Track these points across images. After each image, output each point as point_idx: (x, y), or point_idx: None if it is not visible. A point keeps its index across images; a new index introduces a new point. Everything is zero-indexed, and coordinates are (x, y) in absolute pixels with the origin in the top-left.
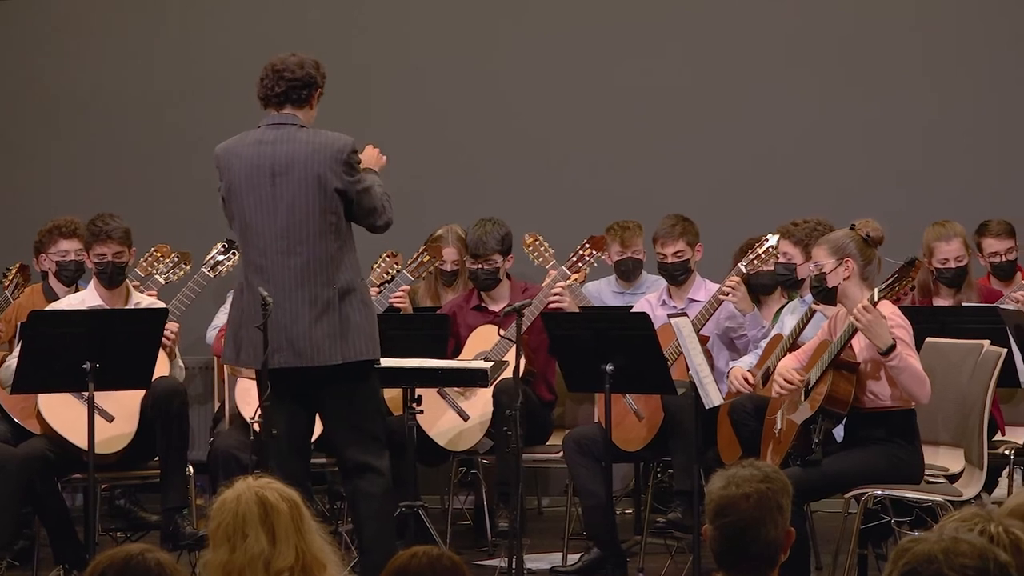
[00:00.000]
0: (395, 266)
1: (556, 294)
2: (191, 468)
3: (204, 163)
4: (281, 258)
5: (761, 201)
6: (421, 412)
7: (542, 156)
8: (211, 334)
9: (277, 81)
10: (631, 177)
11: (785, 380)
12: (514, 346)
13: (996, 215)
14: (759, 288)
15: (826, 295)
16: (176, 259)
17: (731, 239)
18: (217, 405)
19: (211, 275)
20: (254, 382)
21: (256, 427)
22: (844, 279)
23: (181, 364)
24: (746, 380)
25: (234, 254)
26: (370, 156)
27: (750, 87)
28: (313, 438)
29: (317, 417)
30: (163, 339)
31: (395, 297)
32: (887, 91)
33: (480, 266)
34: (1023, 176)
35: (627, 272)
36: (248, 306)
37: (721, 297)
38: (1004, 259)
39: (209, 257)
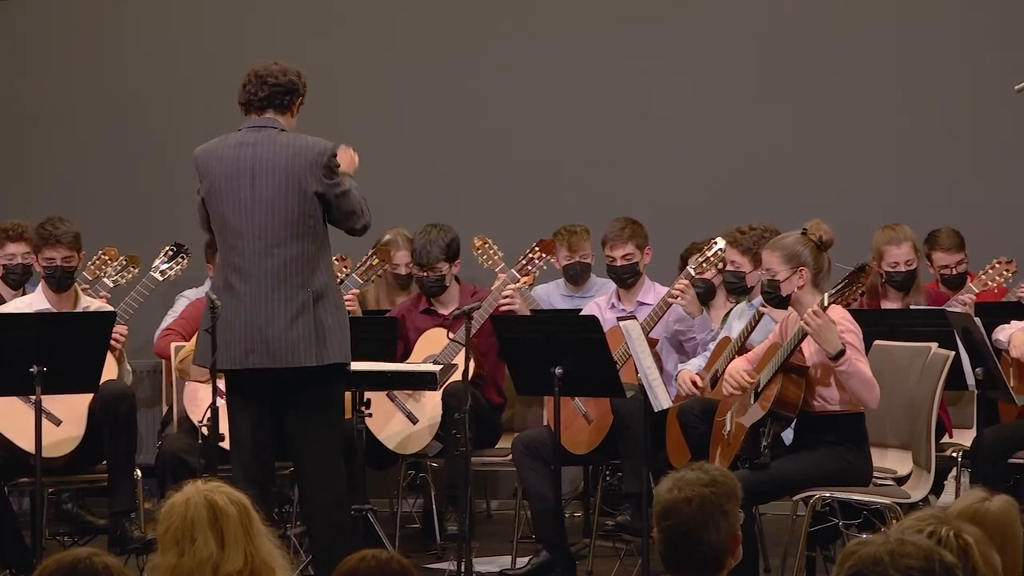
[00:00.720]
0: (344, 269)
1: (506, 297)
2: (139, 472)
3: (153, 167)
4: (259, 259)
5: (710, 205)
6: (370, 415)
7: (492, 159)
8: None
9: (260, 86)
10: (580, 180)
11: (736, 381)
12: (463, 349)
13: (945, 221)
14: (701, 294)
15: (778, 301)
16: (124, 262)
17: (681, 242)
18: (165, 409)
19: (160, 279)
20: (204, 385)
21: (205, 431)
22: (798, 288)
23: (129, 368)
24: (694, 383)
25: (183, 258)
26: (344, 158)
27: (703, 93)
28: None
29: None
30: (112, 342)
31: (346, 300)
32: (845, 97)
33: (426, 274)
34: (973, 182)
35: (575, 276)
36: (225, 308)
37: (670, 300)
38: (954, 272)
39: (158, 261)
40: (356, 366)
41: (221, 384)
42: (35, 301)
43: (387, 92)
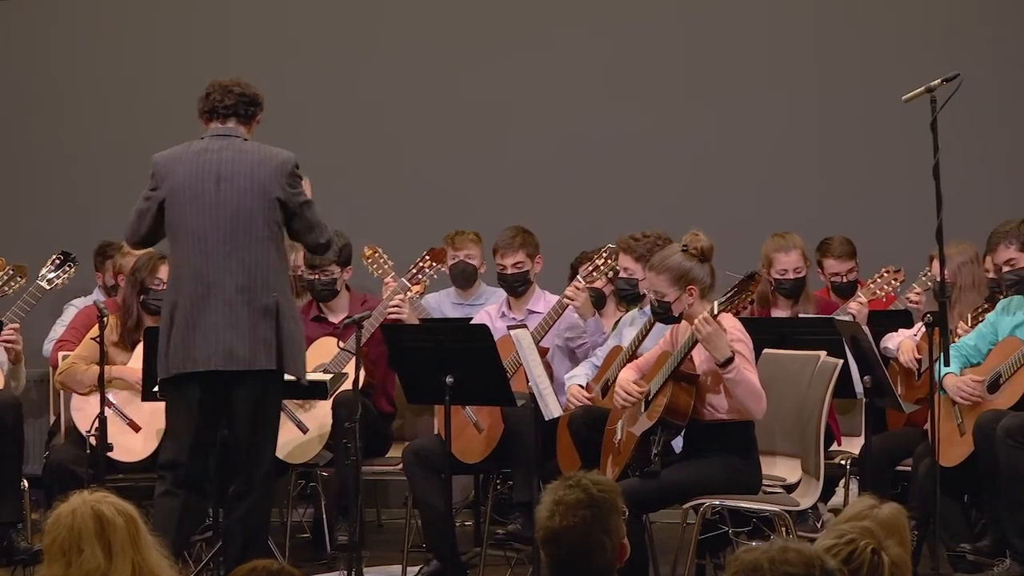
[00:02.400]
0: None
1: (395, 306)
2: (26, 482)
3: (41, 175)
4: (222, 262)
5: (602, 214)
6: None
7: (382, 169)
8: (48, 347)
9: (226, 94)
10: (472, 189)
11: (625, 392)
12: (353, 358)
13: (836, 230)
14: (592, 303)
15: (669, 319)
16: (11, 272)
17: (572, 251)
18: (52, 418)
19: (47, 287)
20: (91, 395)
21: (93, 440)
22: (689, 305)
23: (24, 370)
24: (583, 397)
25: (70, 266)
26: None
27: (594, 103)
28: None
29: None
30: (7, 344)
31: None
32: (728, 101)
33: (317, 276)
34: (863, 192)
35: (459, 276)
36: (183, 312)
37: (566, 301)
38: (845, 280)
39: (45, 270)
40: None
41: (109, 395)
42: None
43: (276, 98)
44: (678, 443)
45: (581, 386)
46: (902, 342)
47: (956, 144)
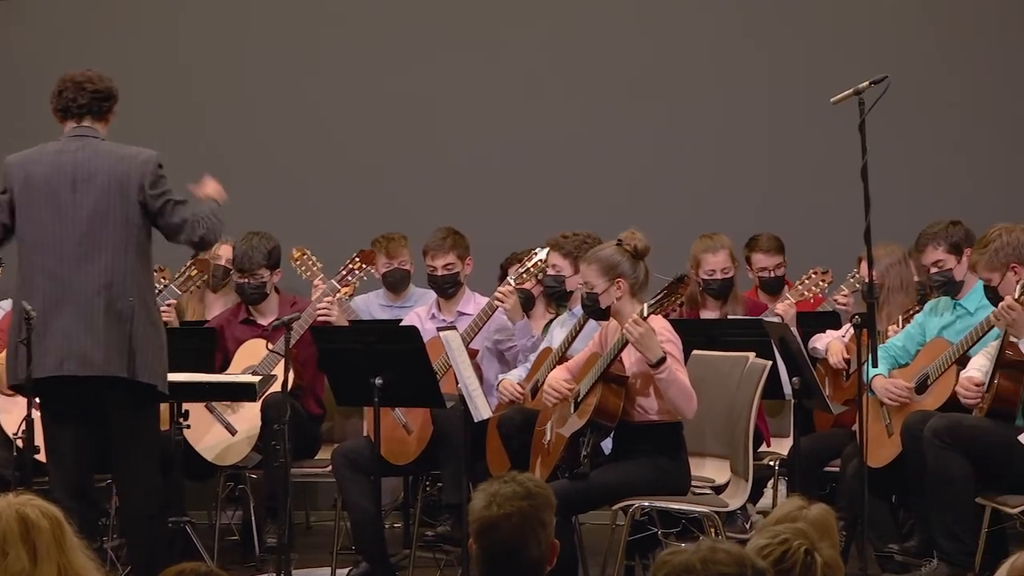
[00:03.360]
0: (163, 280)
1: (324, 307)
2: None
3: None
4: (78, 265)
5: (531, 215)
6: (188, 427)
7: (313, 169)
8: None
9: (79, 92)
10: (401, 191)
11: (555, 391)
12: (282, 360)
13: (766, 228)
14: (521, 304)
15: (599, 314)
16: None
17: (502, 253)
18: None
19: None
20: (18, 397)
21: (19, 443)
22: (617, 299)
23: None
24: (517, 391)
25: None
26: (212, 188)
27: (523, 105)
28: None
29: None
30: None
31: (162, 311)
32: (661, 104)
33: (247, 280)
34: (791, 193)
35: (394, 283)
36: (39, 316)
37: (495, 303)
38: (772, 275)
39: None
40: (174, 377)
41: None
42: None
43: (203, 100)
44: (607, 444)
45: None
46: (830, 343)
47: (884, 146)
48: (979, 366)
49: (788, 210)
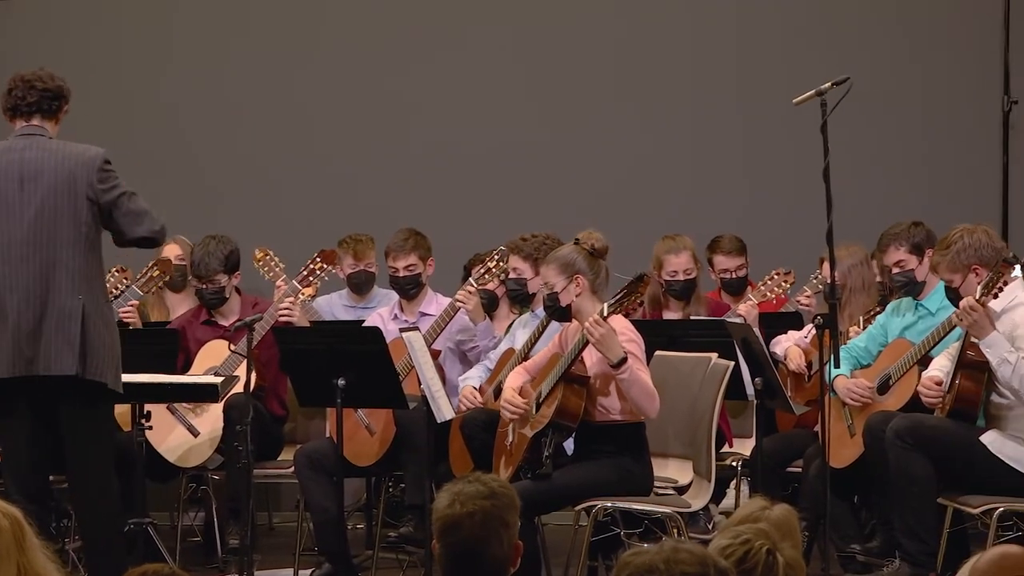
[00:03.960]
0: (124, 281)
1: (286, 308)
2: None
3: None
4: (24, 265)
5: (493, 216)
6: (150, 428)
7: (275, 170)
8: None
9: (28, 91)
10: (364, 191)
11: (512, 407)
12: (245, 361)
13: (730, 232)
14: (484, 305)
15: (561, 313)
16: None
17: (465, 254)
18: None
19: None
20: None
21: None
22: (576, 296)
23: None
24: (475, 399)
25: None
26: None
27: (485, 106)
28: None
29: None
30: None
31: (125, 312)
32: (620, 105)
33: (205, 286)
34: (754, 195)
35: (360, 285)
36: None
37: (457, 304)
38: (734, 276)
39: None
40: (136, 378)
41: None
42: None
43: (170, 102)
44: (570, 445)
45: (475, 388)
46: (789, 349)
47: (846, 147)
48: (940, 366)
49: (751, 211)
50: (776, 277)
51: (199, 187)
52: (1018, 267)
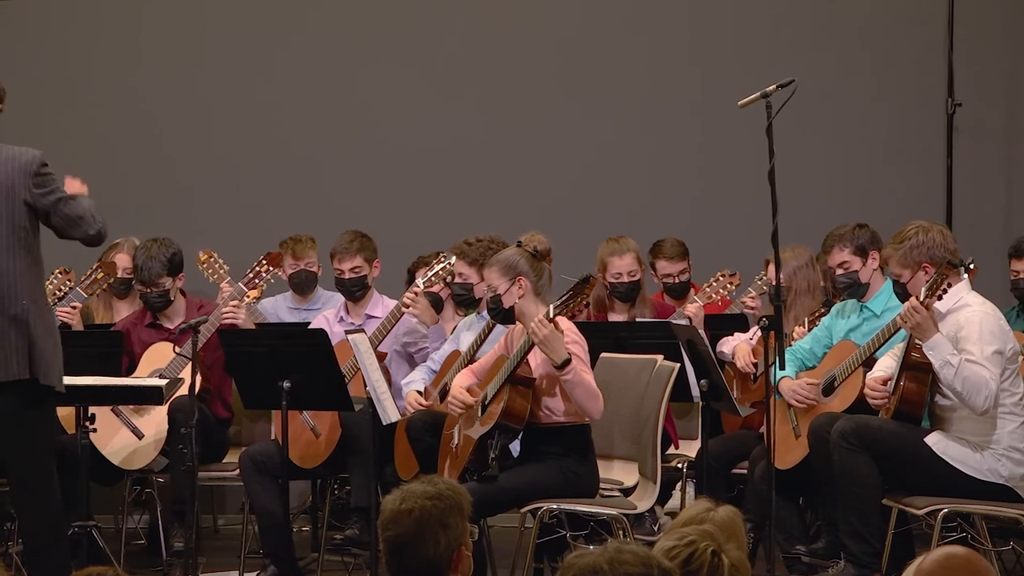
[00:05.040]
0: (68, 283)
1: (230, 310)
2: None
3: None
4: None
5: (439, 219)
6: (94, 430)
7: (219, 172)
8: None
9: None
10: (309, 194)
11: (459, 401)
12: (190, 363)
13: (675, 234)
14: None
15: (504, 316)
16: None
17: (412, 255)
18: None
19: None
20: None
21: None
22: (519, 298)
23: None
24: (420, 404)
25: None
26: (74, 187)
27: (432, 109)
28: None
29: None
30: None
31: (64, 312)
32: (564, 106)
33: (149, 290)
34: (699, 196)
35: (300, 285)
36: None
37: (403, 309)
38: (676, 281)
39: None
40: (80, 381)
41: None
42: None
43: (122, 103)
44: (515, 447)
45: (419, 392)
46: (737, 346)
47: (792, 149)
48: (885, 367)
49: (695, 213)
50: (721, 279)
51: (142, 189)
52: (962, 269)
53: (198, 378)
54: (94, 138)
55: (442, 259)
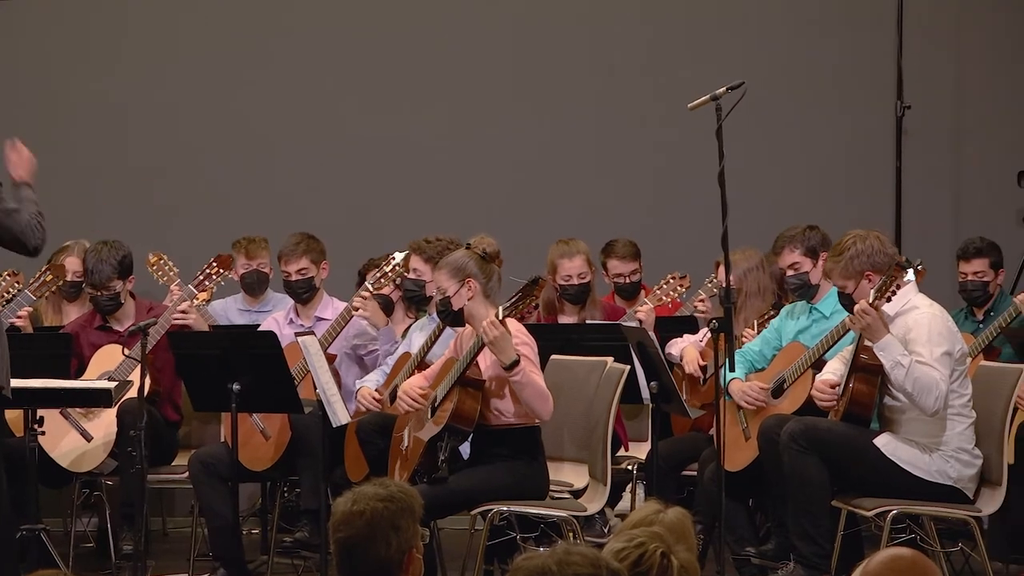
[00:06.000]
0: (16, 285)
1: (181, 312)
2: None
3: None
4: None
5: (390, 221)
6: (43, 433)
7: (169, 174)
8: None
9: None
10: (259, 195)
11: (409, 399)
12: (139, 365)
13: (626, 236)
14: (380, 309)
15: (453, 318)
16: None
17: (362, 257)
18: None
19: None
20: None
21: None
22: (468, 300)
23: None
24: (374, 399)
25: None
26: (18, 159)
27: (376, 103)
28: None
29: None
30: None
31: (14, 318)
32: (516, 105)
33: (99, 293)
34: (650, 199)
35: (252, 285)
36: None
37: (353, 311)
38: (628, 281)
39: None
40: (29, 383)
41: None
42: None
43: (66, 101)
44: (466, 449)
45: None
46: (685, 350)
47: (742, 151)
48: (834, 370)
49: (646, 215)
50: (671, 281)
51: (94, 191)
52: (911, 271)
53: (147, 380)
54: (44, 137)
55: (391, 260)
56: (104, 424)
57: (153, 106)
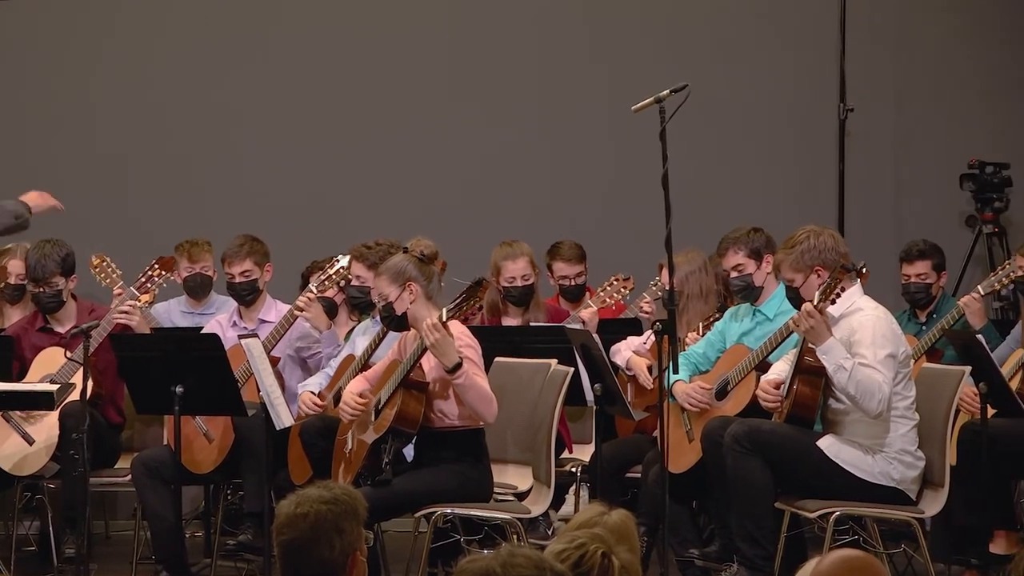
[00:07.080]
0: None
1: (123, 313)
2: None
3: None
4: None
5: (334, 221)
6: None
7: (111, 174)
8: None
9: None
10: (202, 197)
11: (349, 408)
12: (81, 368)
13: (570, 237)
14: (324, 312)
15: (397, 323)
16: None
17: (305, 259)
18: None
19: None
20: None
21: None
22: (411, 303)
23: None
24: (315, 404)
25: None
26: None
27: (318, 105)
28: None
29: None
30: None
31: None
32: (458, 106)
33: (42, 289)
34: (593, 201)
35: (195, 288)
36: None
37: (296, 313)
38: (573, 283)
39: None
40: None
41: None
42: None
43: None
44: (409, 451)
45: (314, 393)
46: (632, 360)
47: (686, 153)
48: (779, 371)
49: (589, 217)
50: (615, 283)
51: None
52: (854, 273)
53: (89, 383)
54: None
55: (335, 263)
56: (46, 427)
57: (87, 108)
